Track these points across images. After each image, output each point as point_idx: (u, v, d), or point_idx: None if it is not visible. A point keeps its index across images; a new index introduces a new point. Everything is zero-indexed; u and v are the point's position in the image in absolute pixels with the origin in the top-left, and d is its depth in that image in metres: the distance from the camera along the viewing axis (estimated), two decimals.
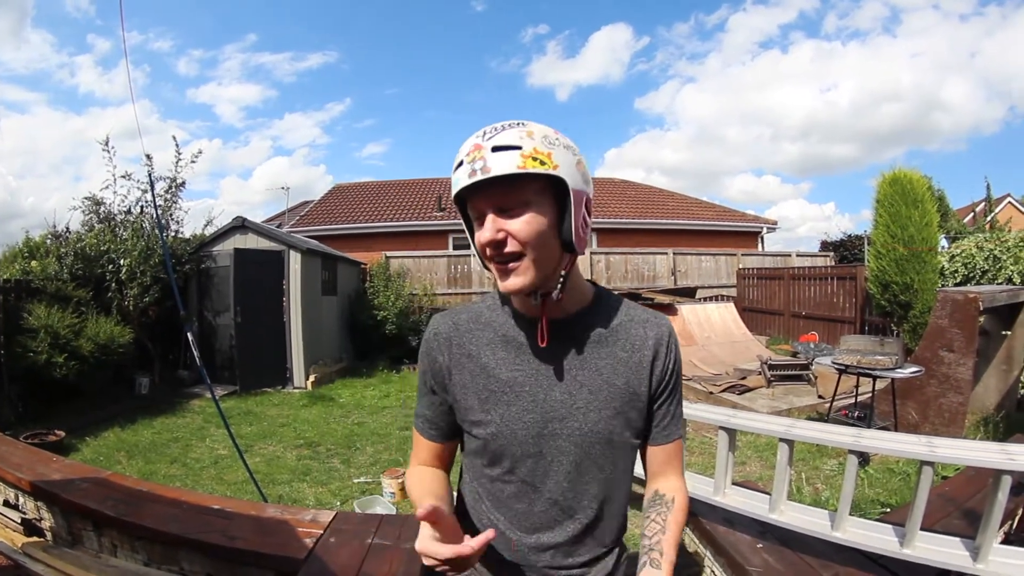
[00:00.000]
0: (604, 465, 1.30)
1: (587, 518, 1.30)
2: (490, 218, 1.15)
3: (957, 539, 2.63)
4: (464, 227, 1.28)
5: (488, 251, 1.17)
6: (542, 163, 1.12)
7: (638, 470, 1.43)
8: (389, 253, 15.06)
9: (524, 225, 1.15)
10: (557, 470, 1.27)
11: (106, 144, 9.40)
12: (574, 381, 1.27)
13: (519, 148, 1.11)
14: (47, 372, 7.17)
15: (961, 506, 3.28)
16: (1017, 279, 7.77)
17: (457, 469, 1.50)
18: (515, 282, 1.17)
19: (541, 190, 1.16)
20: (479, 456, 1.33)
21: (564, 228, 1.19)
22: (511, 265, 1.17)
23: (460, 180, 1.13)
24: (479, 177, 1.10)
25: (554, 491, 1.27)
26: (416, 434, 1.45)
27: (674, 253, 16.90)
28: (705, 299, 15.02)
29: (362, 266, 14.22)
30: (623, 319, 1.36)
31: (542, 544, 1.29)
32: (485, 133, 1.14)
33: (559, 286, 1.23)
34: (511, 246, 1.15)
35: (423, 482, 1.37)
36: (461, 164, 1.13)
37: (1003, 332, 6.62)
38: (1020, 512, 3.35)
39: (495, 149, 1.11)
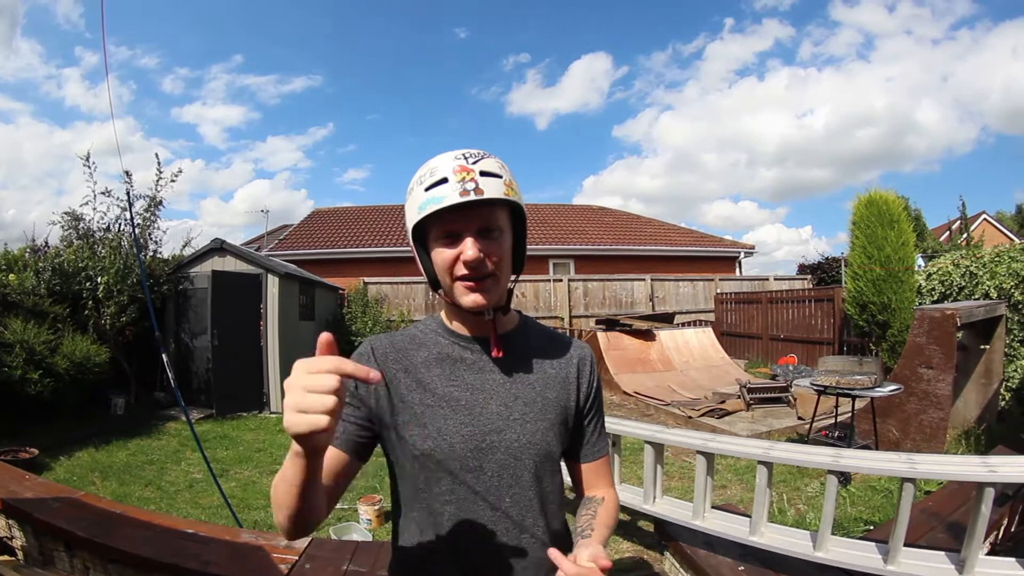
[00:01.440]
0: (543, 478, 1.31)
1: (535, 536, 1.28)
2: (470, 240, 1.18)
3: (942, 553, 2.63)
4: (412, 246, 1.32)
5: (464, 269, 1.19)
6: (515, 192, 1.23)
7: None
8: (367, 279, 15.08)
9: (499, 248, 1.23)
10: (499, 484, 1.25)
11: (87, 159, 9.32)
12: (509, 394, 1.30)
13: (501, 177, 1.19)
14: (21, 388, 7.05)
15: (944, 520, 3.30)
16: (994, 293, 7.85)
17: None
18: (482, 299, 1.22)
19: (507, 217, 1.27)
20: (414, 478, 1.27)
21: (519, 252, 1.31)
22: (482, 283, 1.22)
23: (447, 197, 1.14)
24: (472, 197, 1.13)
25: (498, 506, 1.25)
26: None
27: (652, 279, 17.01)
28: (683, 324, 15.09)
29: (340, 291, 14.18)
30: (548, 339, 1.45)
31: (488, 568, 1.25)
32: (467, 156, 1.19)
33: (507, 302, 1.32)
34: (488, 267, 1.21)
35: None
36: (445, 181, 1.15)
37: (981, 346, 6.69)
38: (1005, 521, 3.35)
39: (483, 174, 1.17)
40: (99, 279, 8.89)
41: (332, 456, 1.22)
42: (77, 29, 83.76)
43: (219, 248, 10.36)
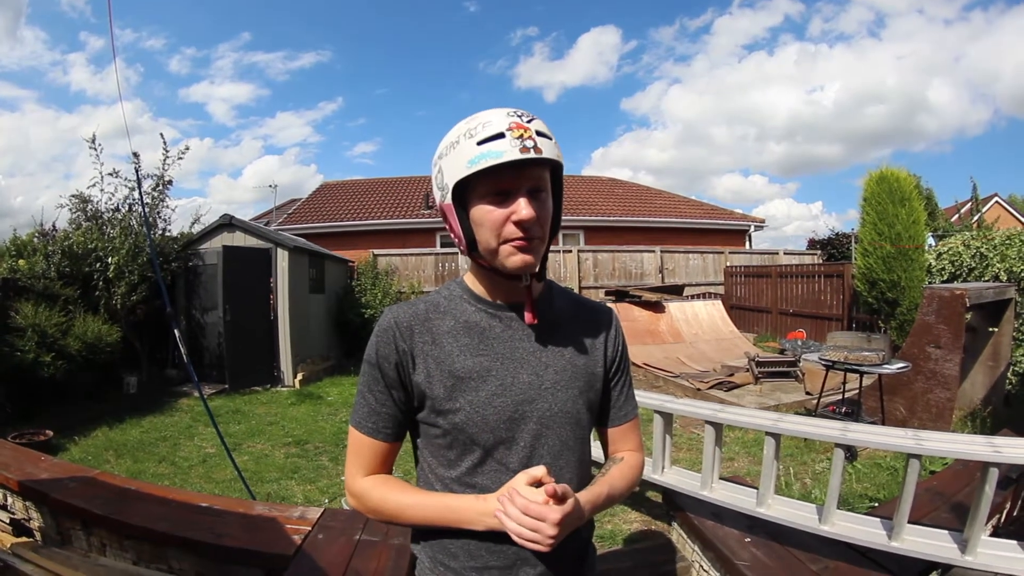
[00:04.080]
0: (575, 447, 1.31)
1: None
2: (524, 199, 1.15)
3: (945, 532, 2.64)
4: (449, 204, 1.23)
5: (515, 231, 1.16)
6: (561, 155, 1.20)
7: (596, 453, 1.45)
8: (377, 251, 15.05)
9: (545, 210, 1.21)
10: (531, 455, 1.24)
11: (93, 142, 9.32)
12: (539, 362, 1.28)
13: (551, 139, 1.17)
14: (34, 371, 7.10)
15: (949, 499, 3.31)
16: (1004, 276, 7.82)
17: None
18: (529, 259, 1.19)
19: (549, 180, 1.23)
20: (446, 451, 1.27)
21: (557, 214, 1.27)
22: (530, 244, 1.18)
23: (506, 152, 1.10)
24: (532, 155, 1.11)
25: None
26: (360, 437, 1.31)
27: (662, 251, 16.92)
28: (693, 297, 15.06)
29: (349, 264, 14.15)
30: (574, 304, 1.44)
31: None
32: (519, 114, 1.15)
33: (543, 268, 1.29)
34: (537, 229, 1.18)
35: (405, 487, 1.30)
36: (501, 136, 1.11)
37: (990, 329, 6.67)
38: (1008, 505, 3.37)
39: (538, 133, 1.13)
40: (109, 260, 8.91)
41: (387, 449, 1.32)
42: (82, 14, 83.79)
43: (228, 224, 10.39)
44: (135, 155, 9.00)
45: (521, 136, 1.11)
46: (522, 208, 1.14)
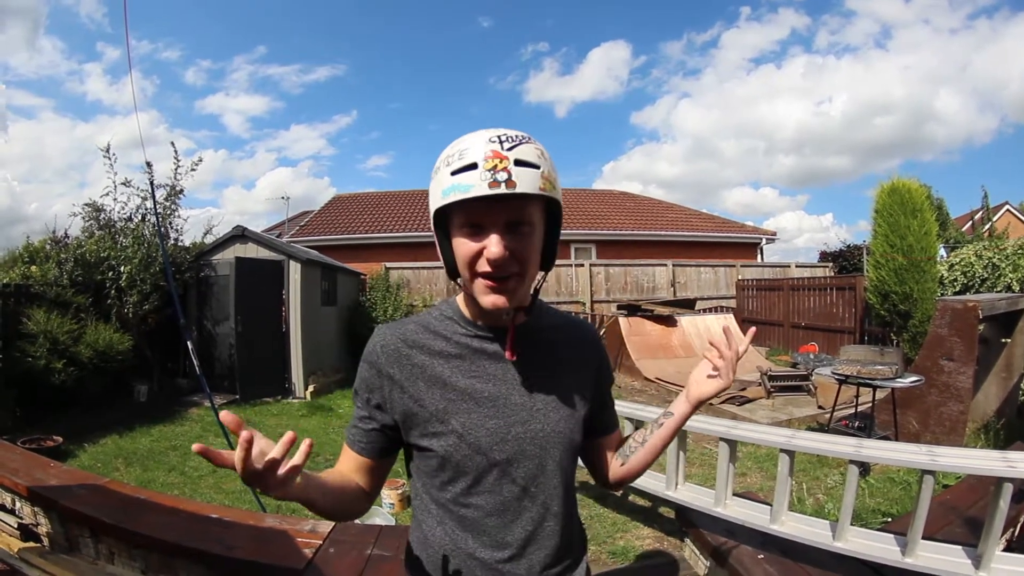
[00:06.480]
0: (567, 467, 1.29)
1: (559, 525, 1.27)
2: (496, 236, 1.09)
3: (959, 547, 2.62)
4: (433, 231, 1.21)
5: (486, 267, 1.11)
6: (552, 187, 1.12)
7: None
8: (389, 264, 15.06)
9: (527, 246, 1.13)
10: (525, 475, 1.23)
11: (107, 151, 9.36)
12: (529, 383, 1.25)
13: (538, 168, 1.08)
14: (45, 378, 7.15)
15: (963, 514, 3.28)
16: (1016, 286, 7.78)
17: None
18: (503, 300, 1.14)
19: (540, 211, 1.16)
20: (440, 473, 1.23)
21: (549, 249, 1.22)
22: (504, 283, 1.14)
23: (474, 186, 1.04)
24: (503, 190, 1.04)
25: (523, 498, 1.23)
26: (344, 446, 1.33)
27: (673, 265, 16.90)
28: (705, 310, 15.02)
29: (361, 277, 14.16)
30: (560, 322, 1.39)
31: (515, 558, 1.23)
32: (501, 140, 1.08)
33: (531, 300, 1.27)
34: (513, 266, 1.12)
35: (330, 473, 1.30)
36: (474, 167, 1.05)
37: (1003, 340, 6.61)
38: (1022, 519, 3.34)
39: (518, 163, 1.06)
40: (122, 269, 8.96)
41: (358, 462, 1.31)
42: (100, 25, 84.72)
43: (241, 235, 10.42)
44: (148, 164, 9.02)
45: (494, 168, 1.04)
46: (492, 245, 1.09)
